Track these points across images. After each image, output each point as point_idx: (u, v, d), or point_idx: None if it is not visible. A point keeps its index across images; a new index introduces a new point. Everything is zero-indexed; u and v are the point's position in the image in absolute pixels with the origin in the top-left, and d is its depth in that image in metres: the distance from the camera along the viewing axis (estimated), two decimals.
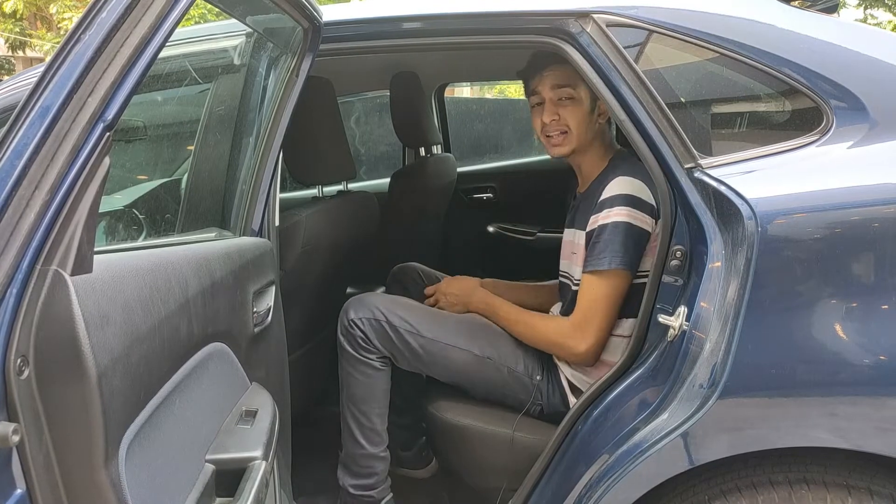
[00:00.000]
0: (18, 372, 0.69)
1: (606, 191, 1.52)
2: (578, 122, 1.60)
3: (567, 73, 1.56)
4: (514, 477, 1.53)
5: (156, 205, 1.93)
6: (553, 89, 1.60)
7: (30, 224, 0.69)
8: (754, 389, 1.09)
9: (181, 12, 0.83)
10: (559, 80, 1.59)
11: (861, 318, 1.06)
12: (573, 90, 1.58)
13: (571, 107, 1.59)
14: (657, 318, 1.24)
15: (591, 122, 1.61)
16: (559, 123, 1.61)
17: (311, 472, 1.89)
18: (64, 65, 0.74)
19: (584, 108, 1.59)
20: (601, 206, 1.51)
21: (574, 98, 1.59)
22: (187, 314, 0.98)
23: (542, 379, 1.65)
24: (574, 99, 1.59)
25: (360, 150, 3.74)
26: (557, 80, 1.59)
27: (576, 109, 1.59)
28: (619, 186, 1.50)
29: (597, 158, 1.66)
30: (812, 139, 1.20)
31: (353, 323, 1.67)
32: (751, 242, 1.05)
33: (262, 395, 1.24)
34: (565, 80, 1.58)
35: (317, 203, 1.91)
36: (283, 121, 1.44)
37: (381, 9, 1.53)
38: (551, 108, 1.61)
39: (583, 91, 1.58)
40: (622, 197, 1.49)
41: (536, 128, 1.66)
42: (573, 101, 1.59)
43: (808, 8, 1.40)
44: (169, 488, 0.90)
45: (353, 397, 1.70)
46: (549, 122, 1.61)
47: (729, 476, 1.18)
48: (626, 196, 1.49)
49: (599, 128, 1.64)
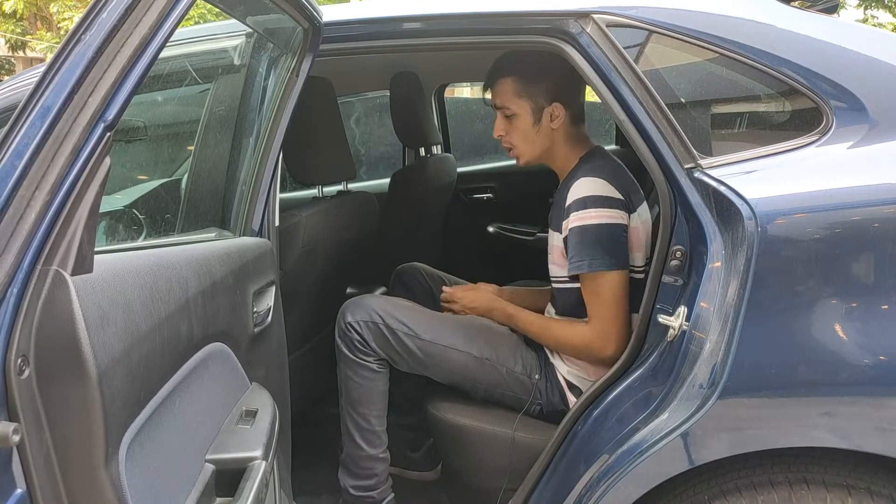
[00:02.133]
0: (19, 372, 0.69)
1: (570, 195, 1.53)
2: (521, 137, 1.64)
3: (504, 90, 1.62)
4: (514, 477, 1.53)
5: (156, 205, 1.93)
6: (496, 108, 1.65)
7: (30, 224, 0.69)
8: (754, 389, 1.09)
9: (181, 13, 0.83)
10: (497, 100, 1.64)
11: (861, 318, 1.06)
12: (510, 108, 1.62)
13: (514, 122, 1.63)
14: (657, 318, 1.24)
15: (539, 132, 1.63)
16: (505, 140, 1.67)
17: (312, 472, 1.89)
18: (65, 65, 0.74)
19: (525, 122, 1.62)
20: (568, 211, 1.53)
21: (515, 113, 1.62)
22: (187, 314, 0.98)
23: (540, 378, 1.65)
24: (516, 115, 1.62)
25: (360, 151, 3.74)
26: (496, 99, 1.64)
27: (517, 124, 1.63)
28: (579, 189, 1.52)
29: (564, 160, 1.67)
30: (812, 139, 1.20)
31: (349, 326, 1.67)
32: (751, 242, 1.05)
33: (263, 395, 1.24)
34: (502, 100, 1.63)
35: (317, 203, 1.91)
36: (283, 121, 1.44)
37: (381, 9, 1.53)
38: (499, 123, 1.66)
39: (523, 106, 1.61)
40: (583, 200, 1.50)
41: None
42: (514, 116, 1.63)
43: (808, 8, 1.40)
44: (169, 488, 0.90)
45: (352, 400, 1.70)
46: (498, 137, 1.67)
47: (729, 476, 1.18)
48: (588, 198, 1.50)
49: (559, 133, 1.64)
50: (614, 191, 1.51)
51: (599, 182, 1.51)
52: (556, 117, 1.62)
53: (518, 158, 1.68)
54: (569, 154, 1.66)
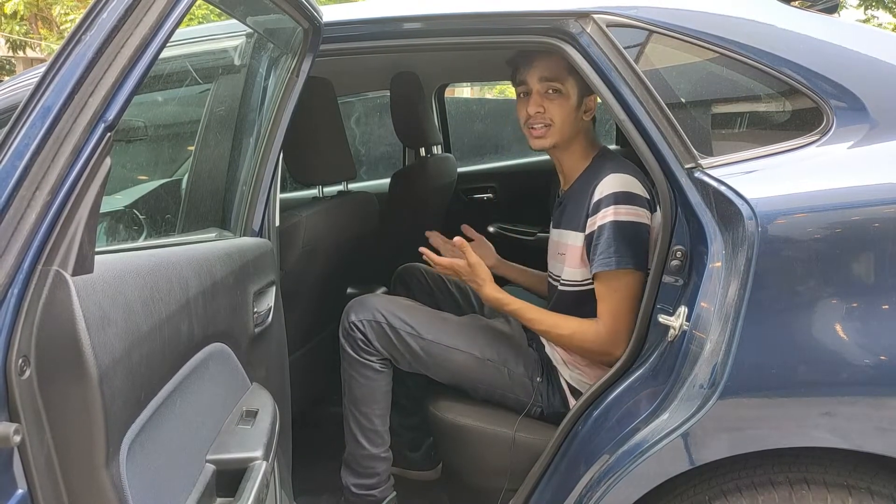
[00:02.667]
0: (20, 372, 0.69)
1: (598, 190, 1.50)
2: (563, 116, 1.58)
3: (557, 65, 1.54)
4: (514, 477, 1.53)
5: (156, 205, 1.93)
6: (541, 81, 1.58)
7: (31, 224, 0.69)
8: (755, 389, 1.09)
9: (182, 13, 0.83)
10: (548, 73, 1.57)
11: (861, 318, 1.06)
12: (561, 84, 1.57)
13: (558, 100, 1.58)
14: (657, 319, 1.24)
15: (577, 118, 1.60)
16: (543, 116, 1.59)
17: (312, 472, 1.89)
18: (65, 65, 0.74)
19: (571, 104, 1.58)
20: (597, 207, 1.50)
21: (561, 92, 1.57)
22: (188, 314, 0.98)
23: (542, 381, 1.65)
24: (561, 93, 1.57)
25: (361, 151, 3.74)
26: (546, 72, 1.57)
27: (562, 103, 1.58)
28: (611, 185, 1.49)
29: (579, 156, 1.65)
30: (812, 139, 1.20)
31: (353, 325, 1.67)
32: (751, 242, 1.05)
33: (263, 396, 1.24)
34: (554, 73, 1.56)
35: (317, 203, 1.91)
36: (283, 121, 1.44)
37: (382, 9, 1.53)
38: (537, 99, 1.59)
39: (570, 86, 1.57)
40: (616, 195, 1.48)
41: (520, 118, 1.64)
42: (560, 94, 1.57)
43: (808, 8, 1.40)
44: (170, 488, 0.90)
45: (355, 399, 1.70)
46: (534, 113, 1.59)
47: (729, 476, 1.18)
48: (620, 193, 1.48)
49: (584, 125, 1.63)
50: (643, 189, 1.50)
51: (630, 179, 1.50)
52: (589, 110, 1.61)
53: (544, 139, 1.60)
54: (585, 150, 1.64)
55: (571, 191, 1.64)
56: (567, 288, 1.63)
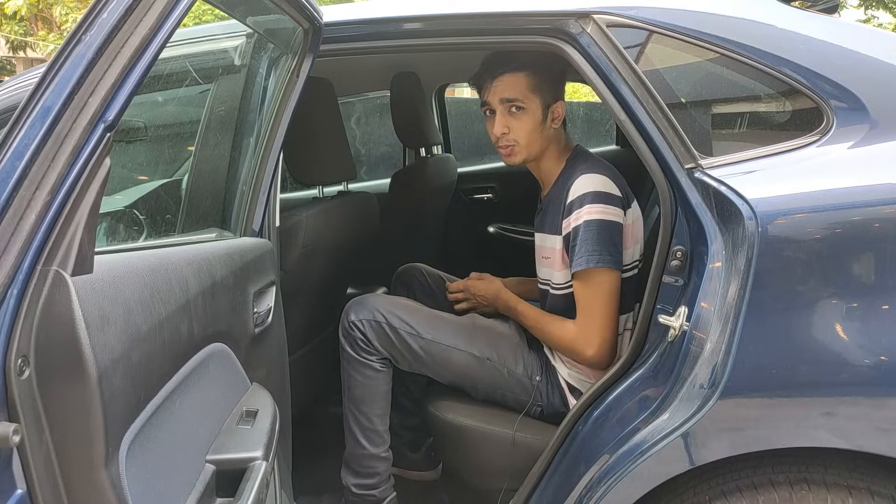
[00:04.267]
0: (19, 372, 0.69)
1: (571, 192, 1.52)
2: (528, 134, 1.58)
3: (516, 85, 1.56)
4: (514, 477, 1.53)
5: (156, 205, 1.93)
6: (502, 102, 1.58)
7: (30, 224, 0.69)
8: (755, 390, 1.09)
9: (182, 13, 0.83)
10: (508, 94, 1.57)
11: (861, 318, 1.06)
12: (523, 102, 1.57)
13: (522, 117, 1.58)
14: (657, 319, 1.24)
15: (543, 130, 1.60)
16: (508, 137, 1.59)
17: (312, 473, 1.89)
18: (65, 65, 0.74)
19: (536, 118, 1.58)
20: (570, 209, 1.51)
21: (525, 108, 1.57)
22: (188, 315, 0.98)
23: (541, 380, 1.65)
24: (524, 109, 1.57)
25: (361, 151, 3.74)
26: (506, 93, 1.57)
27: (526, 120, 1.58)
28: (583, 185, 1.51)
29: (553, 162, 1.66)
30: (812, 139, 1.20)
31: (353, 325, 1.67)
32: (751, 243, 1.05)
33: (263, 396, 1.24)
34: (514, 93, 1.57)
35: (317, 203, 1.91)
36: (283, 121, 1.44)
37: (382, 9, 1.53)
38: (502, 120, 1.59)
39: (533, 101, 1.57)
40: (588, 195, 1.49)
41: (490, 136, 1.64)
42: (523, 111, 1.57)
43: (808, 8, 1.40)
44: (169, 488, 0.90)
45: (355, 398, 1.70)
46: (500, 134, 1.59)
47: (729, 476, 1.18)
48: (591, 193, 1.49)
49: (554, 133, 1.63)
50: (615, 188, 1.51)
51: (601, 178, 1.51)
52: (557, 117, 1.62)
53: (513, 157, 1.62)
54: (559, 155, 1.66)
55: (549, 195, 1.66)
56: (557, 291, 1.65)
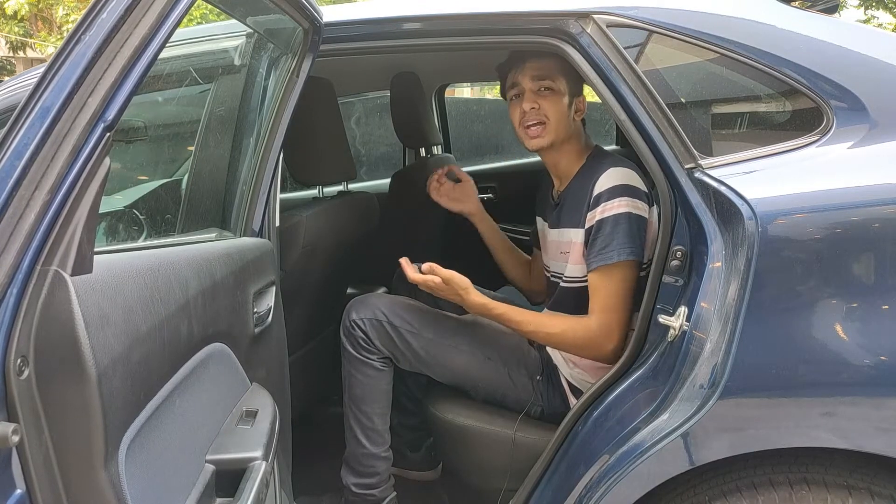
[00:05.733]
0: (18, 372, 0.69)
1: (599, 185, 1.51)
2: (557, 113, 1.59)
3: (548, 64, 1.57)
4: (514, 477, 1.53)
5: (156, 205, 1.93)
6: (533, 80, 1.59)
7: (30, 224, 0.69)
8: (755, 390, 1.09)
9: (181, 13, 0.83)
10: (540, 72, 1.59)
11: (861, 318, 1.06)
12: (553, 82, 1.58)
13: (551, 98, 1.59)
14: (657, 319, 1.24)
15: (569, 117, 1.61)
16: (538, 112, 1.59)
17: (312, 473, 1.89)
18: (64, 65, 0.74)
19: (564, 102, 1.60)
20: (597, 201, 1.50)
21: (554, 90, 1.59)
22: (188, 314, 0.98)
23: (542, 380, 1.64)
24: (554, 91, 1.59)
25: (361, 151, 3.74)
26: (538, 71, 1.59)
27: (555, 101, 1.59)
28: (611, 178, 1.50)
29: (574, 156, 1.66)
30: (812, 139, 1.20)
31: (354, 323, 1.67)
32: (751, 243, 1.05)
33: (263, 396, 1.24)
34: (546, 72, 1.58)
35: (317, 203, 1.91)
36: (283, 121, 1.44)
37: (382, 9, 1.53)
38: (531, 97, 1.59)
39: (562, 84, 1.59)
40: (618, 188, 1.49)
41: (514, 120, 1.64)
42: (553, 92, 1.59)
43: (808, 8, 1.40)
44: (169, 488, 0.90)
45: (355, 397, 1.70)
46: (529, 109, 1.59)
47: (729, 476, 1.18)
48: (621, 186, 1.49)
49: (576, 126, 1.64)
50: (641, 183, 1.51)
51: (629, 173, 1.51)
52: (580, 111, 1.63)
53: (540, 138, 1.60)
54: (581, 150, 1.66)
55: (569, 190, 1.65)
56: (570, 284, 1.63)
